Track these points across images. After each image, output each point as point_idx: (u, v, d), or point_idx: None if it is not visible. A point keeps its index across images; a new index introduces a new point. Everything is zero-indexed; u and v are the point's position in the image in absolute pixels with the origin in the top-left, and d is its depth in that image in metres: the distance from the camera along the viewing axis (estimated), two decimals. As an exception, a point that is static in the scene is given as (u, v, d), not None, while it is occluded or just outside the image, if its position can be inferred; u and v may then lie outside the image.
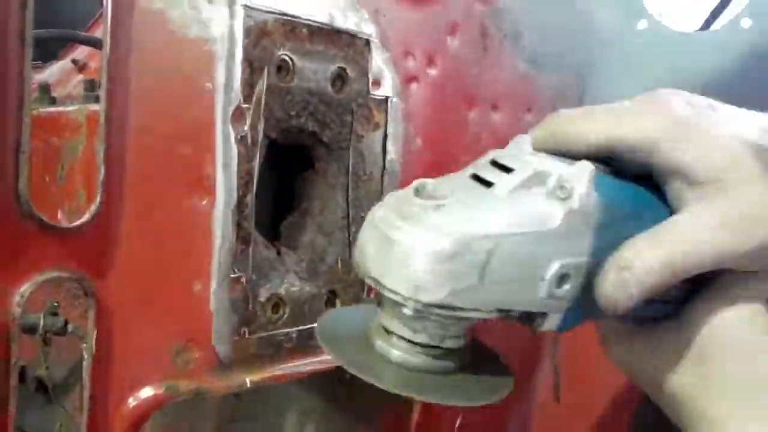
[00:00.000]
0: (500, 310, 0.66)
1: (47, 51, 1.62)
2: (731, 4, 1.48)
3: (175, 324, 0.81)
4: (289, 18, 0.84)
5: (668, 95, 0.74)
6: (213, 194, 0.80)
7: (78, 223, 0.74)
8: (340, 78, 0.91)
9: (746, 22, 1.36)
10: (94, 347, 0.76)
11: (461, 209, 0.64)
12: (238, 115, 0.80)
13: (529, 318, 0.69)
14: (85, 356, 0.77)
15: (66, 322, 0.81)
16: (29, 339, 0.77)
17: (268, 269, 0.89)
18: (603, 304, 0.70)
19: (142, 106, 0.76)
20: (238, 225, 0.82)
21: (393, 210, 0.65)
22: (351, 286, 0.95)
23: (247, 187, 0.82)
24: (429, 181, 0.66)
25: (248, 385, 0.84)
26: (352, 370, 0.68)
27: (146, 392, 0.80)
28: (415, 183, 0.65)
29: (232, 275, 0.82)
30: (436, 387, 0.70)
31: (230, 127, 0.80)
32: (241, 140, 0.81)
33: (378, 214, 0.66)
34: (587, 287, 0.69)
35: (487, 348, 0.79)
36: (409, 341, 0.68)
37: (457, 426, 1.15)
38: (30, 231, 0.70)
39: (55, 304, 0.83)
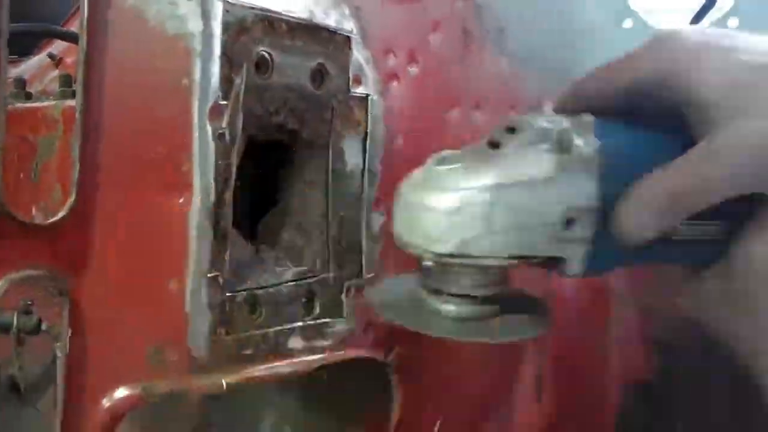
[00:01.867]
0: (515, 257, 0.73)
1: (24, 45, 1.61)
2: (718, 3, 1.49)
3: (151, 324, 0.80)
4: (268, 14, 0.84)
5: (681, 29, 0.75)
6: (190, 192, 0.79)
7: (52, 220, 0.73)
8: (319, 74, 0.90)
9: (733, 22, 1.37)
10: (68, 347, 0.75)
11: (468, 170, 0.71)
12: (215, 112, 0.79)
13: (550, 264, 0.76)
14: (59, 356, 0.76)
15: (39, 321, 0.80)
16: (1, 338, 0.76)
17: (245, 269, 0.88)
18: (618, 238, 0.73)
19: (119, 103, 0.75)
20: (216, 223, 0.81)
21: (413, 180, 0.75)
22: (330, 286, 0.94)
23: (225, 184, 0.81)
24: (449, 152, 0.75)
25: (224, 386, 0.83)
26: (408, 326, 0.79)
27: (121, 392, 0.79)
28: (436, 155, 0.75)
29: (208, 275, 0.81)
30: (475, 330, 0.79)
31: (208, 123, 0.79)
32: (219, 137, 0.80)
33: (403, 187, 0.75)
34: (606, 228, 0.74)
35: (529, 294, 0.89)
36: (449, 293, 0.78)
37: (437, 428, 1.14)
38: (3, 228, 0.70)
39: (29, 302, 0.81)
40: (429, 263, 0.76)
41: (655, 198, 0.71)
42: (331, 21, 0.89)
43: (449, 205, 0.70)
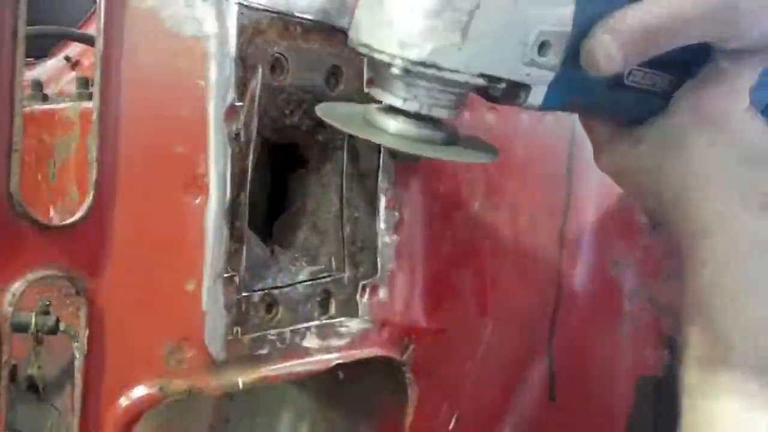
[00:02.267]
0: (484, 76, 0.70)
1: (40, 48, 1.62)
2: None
3: (168, 323, 0.81)
4: (283, 15, 0.84)
5: None
6: (206, 193, 0.79)
7: (70, 221, 0.73)
8: (334, 76, 0.90)
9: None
10: (85, 346, 0.76)
11: None
12: (231, 114, 0.80)
13: (512, 92, 0.74)
14: (77, 355, 0.76)
15: (58, 321, 0.80)
16: (20, 338, 0.76)
17: (261, 268, 0.88)
18: (586, 64, 0.73)
19: (135, 104, 0.76)
20: (232, 224, 0.82)
21: None
22: (345, 286, 0.95)
23: (241, 185, 0.82)
24: None
25: (241, 385, 0.84)
26: (355, 132, 0.77)
27: (138, 392, 0.79)
28: None
29: (225, 274, 0.82)
30: (431, 149, 0.76)
31: (223, 125, 0.79)
32: (235, 139, 0.80)
33: None
34: (574, 62, 0.73)
35: (471, 135, 0.85)
36: (402, 112, 0.74)
37: (451, 426, 1.14)
38: (22, 229, 0.70)
39: (47, 302, 0.82)
40: (396, 71, 0.70)
41: (628, 29, 0.72)
42: (345, 22, 0.90)
43: (430, 7, 0.66)
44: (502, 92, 0.74)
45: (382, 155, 0.95)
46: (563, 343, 1.33)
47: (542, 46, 0.70)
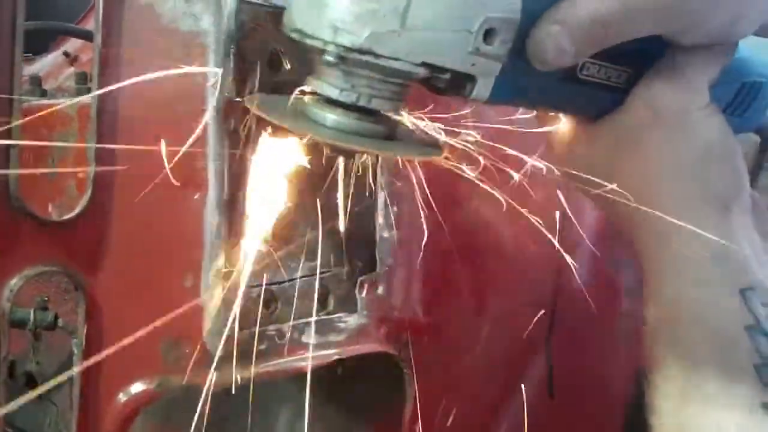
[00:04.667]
0: (426, 65, 0.65)
1: (39, 43, 1.61)
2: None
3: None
4: (281, 10, 0.84)
5: None
6: (205, 188, 0.79)
7: (68, 217, 0.73)
8: (333, 71, 0.90)
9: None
10: (84, 342, 0.76)
11: None
12: (230, 109, 0.80)
13: (457, 84, 0.69)
14: (76, 351, 0.76)
15: (56, 317, 0.80)
16: (18, 334, 0.76)
17: (259, 264, 0.88)
18: (533, 57, 0.69)
19: (134, 100, 0.76)
20: (230, 219, 0.81)
21: None
22: (343, 281, 0.95)
23: (239, 181, 0.82)
24: None
25: (239, 381, 0.84)
26: (289, 126, 0.69)
27: (137, 387, 0.79)
28: None
29: (223, 270, 0.81)
30: (369, 143, 0.70)
31: (222, 120, 0.79)
32: (233, 134, 0.80)
33: None
34: (520, 52, 0.69)
35: (414, 130, 0.79)
36: (340, 103, 0.68)
37: (449, 422, 1.14)
38: (20, 225, 0.70)
39: (45, 298, 0.82)
40: (330, 58, 0.64)
41: (578, 21, 0.68)
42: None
43: None
44: (447, 83, 0.69)
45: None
46: (562, 340, 1.33)
47: (488, 34, 0.65)
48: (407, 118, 0.80)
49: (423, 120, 0.81)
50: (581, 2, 0.68)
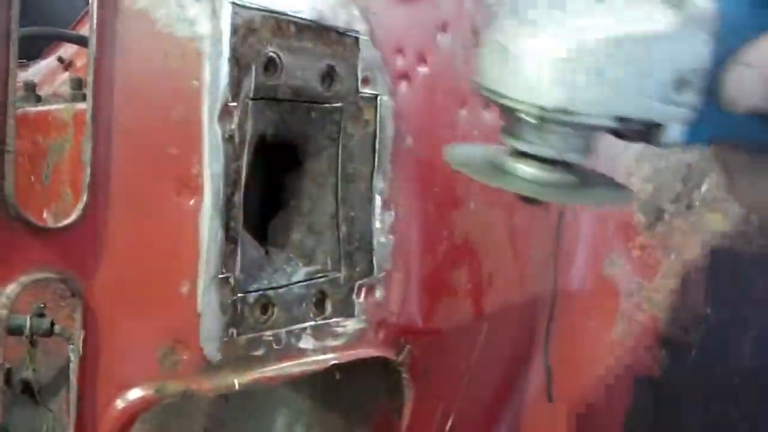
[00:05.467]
0: (619, 118, 0.67)
1: (33, 49, 1.61)
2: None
3: (163, 325, 0.80)
4: (276, 15, 0.84)
5: None
6: (200, 194, 0.79)
7: (64, 223, 0.73)
8: (329, 76, 0.90)
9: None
10: (81, 348, 0.75)
11: (577, 16, 0.65)
12: (225, 114, 0.80)
13: (648, 131, 0.70)
14: (72, 358, 0.76)
15: (53, 324, 0.80)
16: (15, 341, 0.76)
17: (256, 269, 0.88)
18: (724, 101, 0.69)
19: (129, 105, 0.76)
20: (226, 225, 0.81)
21: (509, 23, 0.67)
22: (341, 286, 0.94)
23: (235, 186, 0.82)
24: None
25: (236, 386, 0.84)
26: (487, 181, 0.72)
27: (134, 393, 0.79)
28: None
29: (220, 275, 0.81)
30: (568, 196, 0.74)
31: (217, 125, 0.79)
32: (229, 139, 0.80)
33: (498, 31, 0.67)
34: (712, 95, 0.69)
35: (602, 173, 0.80)
36: (535, 157, 0.70)
37: (447, 427, 1.14)
38: (16, 232, 0.70)
39: (42, 305, 0.82)
40: (526, 118, 0.67)
41: (765, 62, 0.67)
42: (339, 22, 0.90)
43: (561, 53, 0.64)
44: (638, 133, 0.71)
45: (377, 155, 0.95)
46: (560, 344, 1.33)
47: (679, 84, 0.68)
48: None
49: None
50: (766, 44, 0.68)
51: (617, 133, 0.72)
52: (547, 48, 0.64)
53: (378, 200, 0.96)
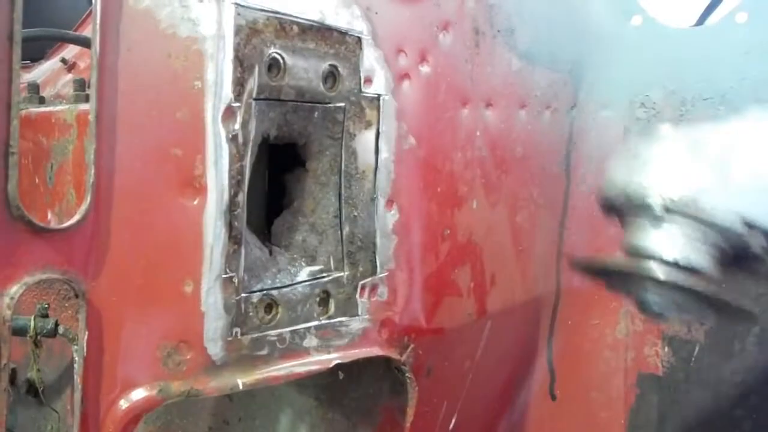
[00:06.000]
0: (747, 224, 0.70)
1: (35, 50, 1.62)
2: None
3: (167, 325, 0.80)
4: (279, 16, 0.84)
5: None
6: (204, 194, 0.79)
7: (68, 224, 0.73)
8: (331, 76, 0.90)
9: (741, 17, 1.36)
10: (85, 349, 0.76)
11: None
12: (228, 114, 0.80)
13: None
14: (76, 358, 0.76)
15: (56, 324, 0.80)
16: (19, 341, 0.76)
17: (260, 269, 0.88)
18: None
19: (132, 106, 0.76)
20: (230, 225, 0.81)
21: None
22: (344, 285, 0.95)
23: (239, 186, 0.82)
24: None
25: (240, 386, 0.84)
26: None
27: (138, 394, 0.79)
28: None
29: (224, 275, 0.81)
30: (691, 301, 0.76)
31: (221, 126, 0.79)
32: (232, 139, 0.80)
33: None
34: None
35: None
36: (661, 260, 0.73)
37: (451, 426, 1.14)
38: (19, 233, 0.70)
39: (46, 306, 0.82)
40: (655, 209, 0.71)
41: None
42: (342, 22, 0.90)
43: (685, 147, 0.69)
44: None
45: (379, 154, 0.96)
46: (563, 342, 1.33)
47: None
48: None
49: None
50: None
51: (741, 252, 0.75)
52: (669, 142, 0.72)
53: (381, 200, 0.96)
